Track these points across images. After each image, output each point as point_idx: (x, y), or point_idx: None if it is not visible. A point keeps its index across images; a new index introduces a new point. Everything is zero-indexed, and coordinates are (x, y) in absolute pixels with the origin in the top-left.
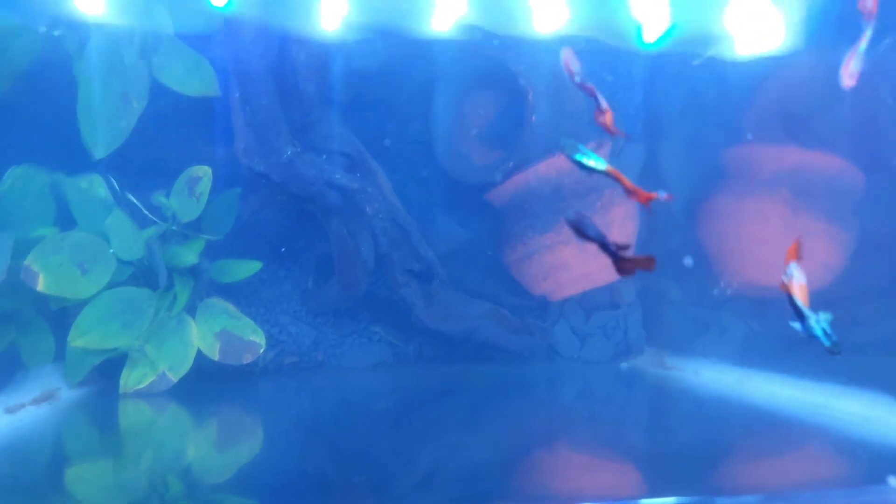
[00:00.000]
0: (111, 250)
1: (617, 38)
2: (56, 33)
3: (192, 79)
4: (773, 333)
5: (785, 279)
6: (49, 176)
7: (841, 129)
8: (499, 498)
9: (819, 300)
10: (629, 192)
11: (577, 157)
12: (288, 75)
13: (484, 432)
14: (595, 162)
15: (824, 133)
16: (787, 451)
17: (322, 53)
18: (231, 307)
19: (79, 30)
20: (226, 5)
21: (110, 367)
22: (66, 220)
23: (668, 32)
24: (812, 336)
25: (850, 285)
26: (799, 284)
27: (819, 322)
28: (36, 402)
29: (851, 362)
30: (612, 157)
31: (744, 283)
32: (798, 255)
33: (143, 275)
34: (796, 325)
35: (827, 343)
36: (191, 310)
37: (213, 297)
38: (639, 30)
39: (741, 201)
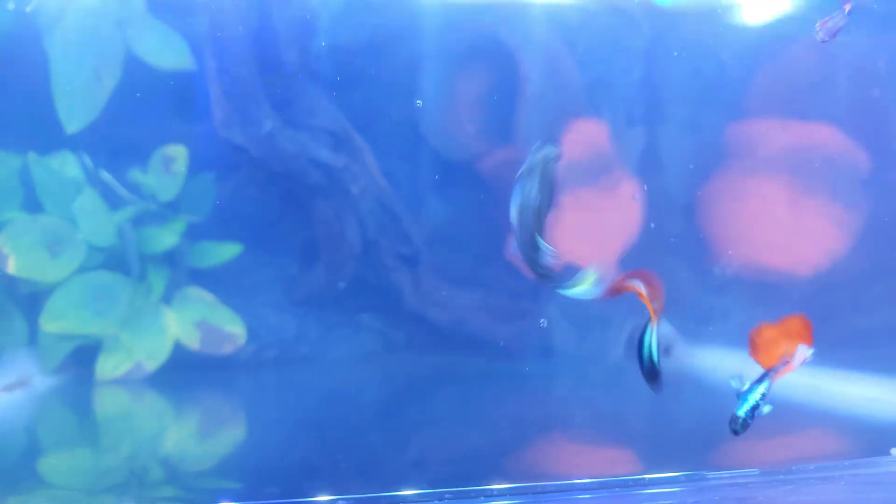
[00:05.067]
0: (80, 235)
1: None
2: (28, 9)
3: (166, 51)
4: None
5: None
6: (16, 159)
7: (844, 107)
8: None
9: (821, 283)
10: None
11: None
12: (268, 45)
13: (475, 423)
14: None
15: (828, 110)
16: (792, 430)
17: (304, 23)
18: (209, 296)
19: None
20: None
21: (86, 355)
22: (33, 207)
23: None
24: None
25: (854, 268)
26: None
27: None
28: (9, 387)
29: (857, 347)
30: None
31: (745, 264)
32: None
33: (115, 261)
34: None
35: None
36: (167, 299)
37: (191, 286)
38: None
39: (741, 181)
